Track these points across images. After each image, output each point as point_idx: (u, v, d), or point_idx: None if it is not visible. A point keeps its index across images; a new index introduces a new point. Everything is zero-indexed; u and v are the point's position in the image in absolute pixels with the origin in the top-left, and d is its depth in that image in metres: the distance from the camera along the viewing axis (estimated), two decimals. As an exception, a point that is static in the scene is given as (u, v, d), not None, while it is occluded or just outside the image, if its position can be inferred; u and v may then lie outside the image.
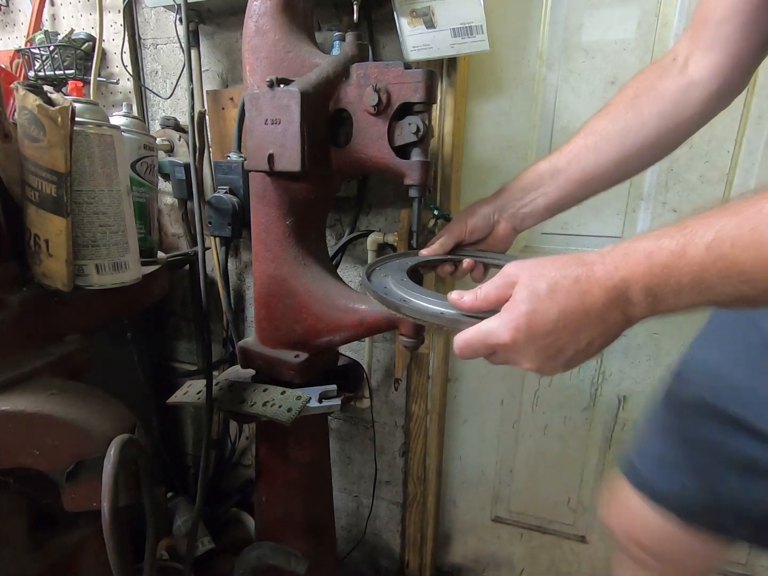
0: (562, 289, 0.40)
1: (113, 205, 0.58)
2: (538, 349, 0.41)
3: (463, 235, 0.66)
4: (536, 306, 0.40)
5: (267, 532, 0.88)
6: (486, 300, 0.44)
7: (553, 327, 0.40)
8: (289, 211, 0.71)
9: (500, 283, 0.44)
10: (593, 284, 0.39)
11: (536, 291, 0.40)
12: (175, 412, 1.39)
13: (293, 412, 0.70)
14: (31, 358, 0.53)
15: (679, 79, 0.58)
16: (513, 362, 0.44)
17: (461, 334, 0.44)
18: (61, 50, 1.06)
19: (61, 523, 0.57)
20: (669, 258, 0.37)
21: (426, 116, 0.62)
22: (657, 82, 0.59)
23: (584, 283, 0.39)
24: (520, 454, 1.22)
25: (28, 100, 0.49)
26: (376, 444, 1.20)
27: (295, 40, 0.68)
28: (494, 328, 0.41)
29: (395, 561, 1.30)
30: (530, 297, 0.40)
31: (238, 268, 1.21)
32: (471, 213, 0.67)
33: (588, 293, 0.39)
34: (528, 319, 0.40)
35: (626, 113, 0.60)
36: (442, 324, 0.46)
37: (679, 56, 0.58)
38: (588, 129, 0.63)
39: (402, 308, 0.48)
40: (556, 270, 0.41)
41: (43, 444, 0.48)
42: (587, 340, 0.41)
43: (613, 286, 0.39)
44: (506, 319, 0.41)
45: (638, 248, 0.39)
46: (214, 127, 1.08)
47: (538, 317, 0.40)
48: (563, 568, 1.26)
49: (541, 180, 0.64)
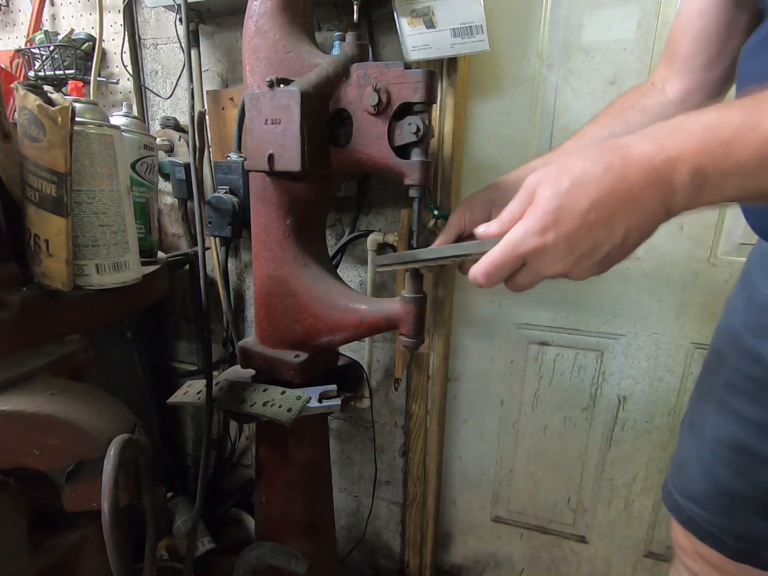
0: (592, 178, 0.37)
1: (113, 205, 0.58)
2: (570, 246, 0.38)
3: (464, 226, 0.66)
4: (563, 201, 0.37)
5: (267, 532, 0.88)
6: (513, 220, 0.41)
7: (583, 219, 0.37)
8: (289, 211, 0.70)
9: (523, 195, 0.41)
10: (629, 168, 0.36)
11: (561, 186, 0.38)
12: (175, 412, 1.39)
13: (293, 412, 0.70)
14: (31, 358, 0.53)
15: (659, 98, 0.65)
16: (543, 270, 0.41)
17: (484, 258, 0.41)
18: (61, 50, 1.06)
19: (61, 523, 0.57)
20: (734, 132, 0.33)
21: (426, 116, 0.62)
22: (640, 99, 0.66)
23: (618, 168, 0.36)
24: (520, 454, 1.22)
25: (28, 100, 0.49)
26: (376, 444, 1.20)
27: (295, 40, 0.68)
28: (520, 235, 0.39)
29: (395, 561, 1.30)
30: (555, 194, 0.38)
31: (238, 268, 1.21)
32: (469, 206, 0.67)
33: (623, 179, 0.36)
34: (555, 216, 0.37)
35: (614, 123, 0.66)
36: (468, 252, 0.43)
37: (657, 82, 0.66)
38: (579, 134, 0.67)
39: (419, 254, 0.47)
40: (582, 161, 0.38)
41: (43, 444, 0.48)
42: (623, 232, 0.38)
43: (654, 168, 0.35)
44: (531, 221, 0.38)
45: (698, 121, 0.35)
46: (214, 127, 1.08)
47: (566, 211, 0.37)
48: (563, 568, 1.26)
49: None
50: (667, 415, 1.08)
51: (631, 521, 1.17)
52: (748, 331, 0.58)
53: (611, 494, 1.17)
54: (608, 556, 1.21)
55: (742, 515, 0.58)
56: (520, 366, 1.16)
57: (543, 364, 1.14)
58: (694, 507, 0.62)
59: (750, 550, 0.58)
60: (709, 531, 0.60)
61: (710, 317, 0.99)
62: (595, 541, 1.21)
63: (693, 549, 0.64)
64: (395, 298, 0.66)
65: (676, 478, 0.67)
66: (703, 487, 0.62)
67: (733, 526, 0.58)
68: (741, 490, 0.58)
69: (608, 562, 1.22)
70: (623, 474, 1.15)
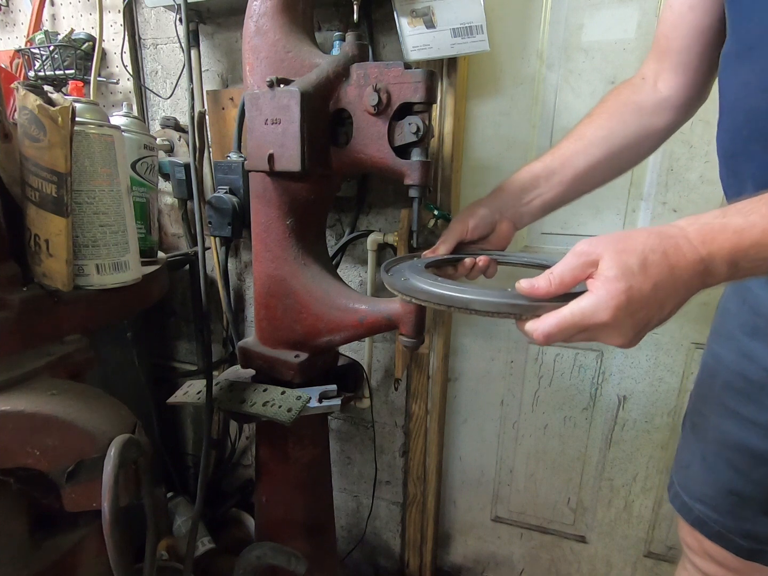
0: (653, 263, 0.40)
1: (113, 205, 0.58)
2: (633, 324, 0.41)
3: (465, 233, 0.67)
4: (632, 282, 0.39)
5: (267, 532, 0.88)
6: (563, 283, 0.43)
7: (647, 302, 0.40)
8: (289, 211, 0.70)
9: (576, 263, 0.42)
10: (680, 257, 0.40)
11: (629, 267, 0.40)
12: (175, 412, 1.39)
13: (293, 412, 0.70)
14: (31, 358, 0.53)
15: (653, 94, 0.65)
16: (601, 339, 0.43)
17: (548, 319, 0.42)
18: (61, 50, 1.06)
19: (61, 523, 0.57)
20: (761, 236, 0.39)
21: (426, 116, 0.62)
22: (633, 97, 0.66)
23: (672, 256, 0.40)
24: (520, 454, 1.22)
25: (28, 100, 0.49)
26: (376, 444, 1.20)
27: (295, 40, 0.68)
28: (592, 308, 0.40)
29: (395, 561, 1.30)
30: (624, 273, 0.40)
31: (238, 268, 1.21)
32: (471, 213, 0.67)
33: (676, 266, 0.40)
34: (627, 296, 0.39)
35: (610, 121, 0.66)
36: (523, 313, 0.44)
37: (648, 77, 0.66)
38: (576, 135, 0.68)
39: (472, 303, 0.45)
40: (641, 244, 0.41)
41: (43, 444, 0.48)
42: (670, 309, 0.42)
43: (700, 259, 0.40)
44: (604, 297, 0.40)
45: (727, 225, 0.40)
46: (214, 127, 1.08)
47: (635, 293, 0.39)
48: (563, 568, 1.26)
49: (537, 181, 0.67)
50: (667, 415, 1.08)
51: (631, 521, 1.17)
52: (742, 332, 0.58)
53: (611, 494, 1.17)
54: (608, 556, 1.21)
55: (750, 515, 0.58)
56: (520, 366, 1.16)
57: (543, 364, 1.14)
58: (701, 507, 0.62)
59: (758, 549, 0.58)
60: (718, 530, 0.60)
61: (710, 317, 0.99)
62: (595, 541, 1.21)
63: (701, 548, 0.64)
64: (395, 298, 0.66)
65: (682, 478, 0.67)
66: (710, 487, 0.62)
67: (741, 525, 0.59)
68: (746, 491, 0.58)
69: (608, 562, 1.22)
70: (623, 474, 1.15)
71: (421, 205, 0.66)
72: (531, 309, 0.44)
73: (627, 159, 0.68)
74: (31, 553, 0.55)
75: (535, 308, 0.43)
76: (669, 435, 1.08)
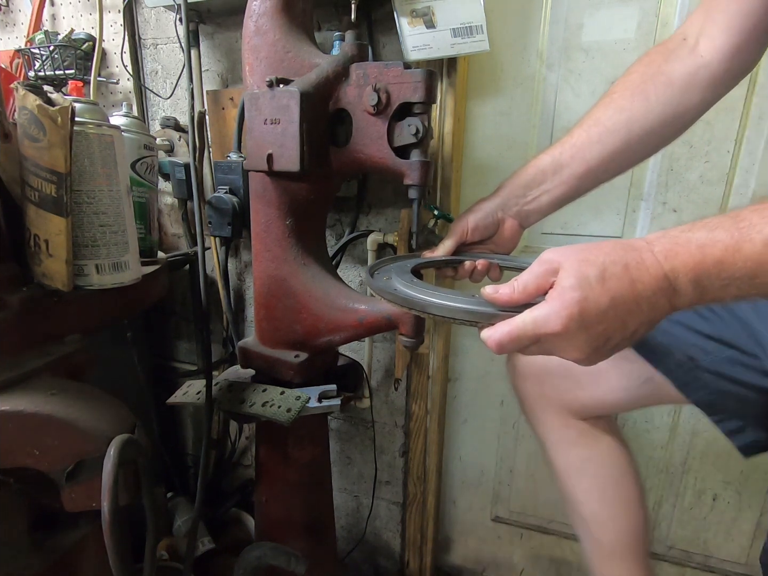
0: (612, 275, 0.38)
1: (113, 205, 0.58)
2: (588, 337, 0.39)
3: (465, 234, 0.65)
4: (587, 293, 0.38)
5: (267, 532, 0.88)
6: (525, 291, 0.41)
7: (604, 315, 0.38)
8: (289, 211, 0.71)
9: (539, 271, 0.41)
10: (643, 272, 0.38)
11: (586, 277, 0.38)
12: (175, 412, 1.39)
13: (292, 412, 0.70)
14: (31, 358, 0.53)
15: (689, 61, 0.56)
16: (557, 352, 0.42)
17: (501, 327, 0.41)
18: (61, 50, 1.06)
19: (61, 523, 0.57)
20: (722, 253, 0.36)
21: (426, 117, 0.62)
22: (664, 66, 0.58)
23: (634, 269, 0.38)
24: (520, 454, 1.22)
25: (28, 100, 0.49)
26: (376, 444, 1.20)
27: (294, 40, 0.68)
28: (543, 317, 0.39)
29: (395, 561, 1.30)
30: (580, 283, 0.38)
31: (238, 268, 1.21)
32: (473, 211, 0.65)
33: (638, 281, 0.38)
34: (581, 307, 0.38)
35: (632, 101, 0.59)
36: (478, 320, 0.43)
37: (690, 36, 0.57)
38: (591, 119, 0.61)
39: (429, 307, 0.44)
40: (604, 255, 0.39)
41: (43, 444, 0.48)
42: (634, 327, 0.40)
43: (663, 275, 0.38)
44: (557, 306, 0.38)
45: (690, 239, 0.38)
46: (214, 127, 1.08)
47: (590, 305, 0.38)
48: (563, 569, 1.26)
49: (544, 176, 0.63)
50: (666, 415, 1.08)
51: (631, 521, 1.17)
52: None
53: (611, 494, 1.17)
54: (608, 556, 1.21)
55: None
56: (520, 366, 1.16)
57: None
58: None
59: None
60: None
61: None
62: (595, 541, 1.21)
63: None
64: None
65: None
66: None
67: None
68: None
69: (608, 562, 1.21)
70: (623, 474, 1.15)
71: (421, 205, 0.66)
72: (486, 317, 0.42)
73: (648, 146, 0.61)
74: (31, 553, 0.55)
75: (490, 316, 0.42)
76: (669, 435, 1.08)
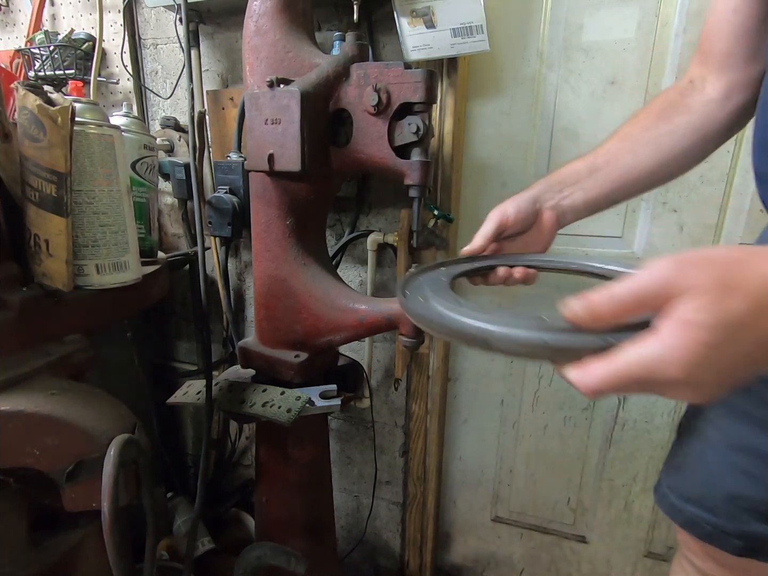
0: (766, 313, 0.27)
1: (113, 205, 0.58)
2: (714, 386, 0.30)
3: (507, 221, 0.59)
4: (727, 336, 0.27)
5: (267, 532, 0.88)
6: (613, 311, 0.30)
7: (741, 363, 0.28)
8: (289, 211, 0.71)
9: (647, 284, 0.29)
10: None
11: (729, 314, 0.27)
12: (175, 412, 1.39)
13: (292, 412, 0.70)
14: (31, 358, 0.53)
15: (701, 96, 0.61)
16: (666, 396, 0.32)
17: (596, 369, 0.31)
18: (61, 50, 1.06)
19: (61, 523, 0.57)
20: None
21: (426, 116, 0.62)
22: (681, 99, 0.62)
23: None
24: (520, 454, 1.22)
25: (28, 100, 0.49)
26: (376, 444, 1.20)
27: (295, 40, 0.68)
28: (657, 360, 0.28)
29: (395, 561, 1.30)
30: (720, 322, 0.27)
31: (238, 268, 1.21)
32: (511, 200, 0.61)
33: None
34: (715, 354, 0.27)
35: (657, 123, 0.62)
36: (552, 357, 0.34)
37: (695, 80, 0.62)
38: (622, 134, 0.64)
39: (491, 340, 0.35)
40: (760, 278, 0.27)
41: (43, 444, 0.48)
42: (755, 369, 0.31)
43: None
44: (675, 344, 0.28)
45: None
46: (214, 127, 1.08)
47: (726, 351, 0.27)
48: (563, 568, 1.26)
49: (578, 175, 0.63)
50: (666, 415, 1.08)
51: (631, 521, 1.17)
52: None
53: (611, 494, 1.17)
54: (608, 556, 1.21)
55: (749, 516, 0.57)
56: (520, 366, 1.16)
57: (543, 364, 1.14)
58: (694, 509, 0.61)
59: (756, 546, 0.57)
60: (710, 531, 0.59)
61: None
62: (595, 541, 1.21)
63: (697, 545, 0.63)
64: (395, 298, 0.65)
65: (672, 480, 0.66)
66: (707, 489, 0.61)
67: (739, 526, 0.57)
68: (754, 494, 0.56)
69: (608, 562, 1.22)
70: (623, 474, 1.15)
71: (421, 205, 0.66)
72: (564, 353, 0.33)
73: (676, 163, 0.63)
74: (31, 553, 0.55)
75: (570, 352, 0.32)
76: (669, 435, 1.08)
